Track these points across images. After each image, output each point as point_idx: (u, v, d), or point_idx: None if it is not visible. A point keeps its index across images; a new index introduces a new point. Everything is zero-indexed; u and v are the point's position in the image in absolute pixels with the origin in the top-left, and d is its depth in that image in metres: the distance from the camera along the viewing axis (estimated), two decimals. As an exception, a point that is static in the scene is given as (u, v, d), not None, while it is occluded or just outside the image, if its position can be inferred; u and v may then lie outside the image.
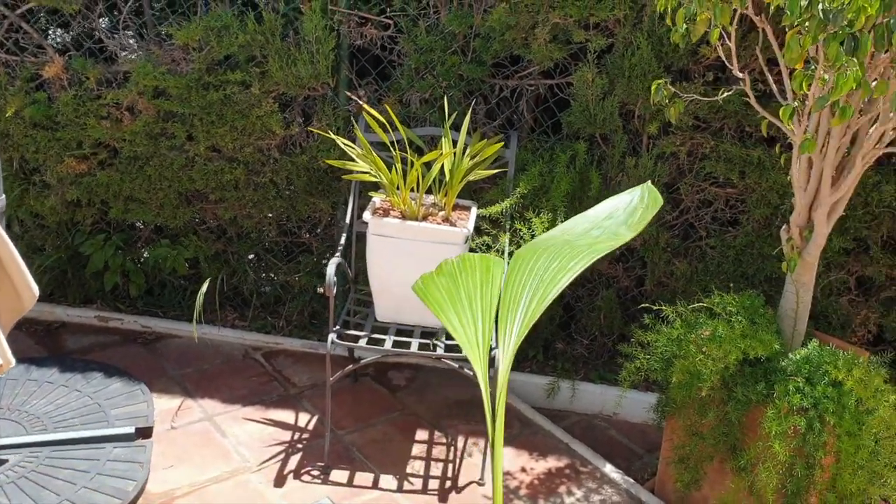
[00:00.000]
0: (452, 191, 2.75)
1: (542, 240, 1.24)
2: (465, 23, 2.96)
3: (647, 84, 2.83)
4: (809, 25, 1.72)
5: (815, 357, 2.38)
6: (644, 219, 1.22)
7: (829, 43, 1.71)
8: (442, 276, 1.12)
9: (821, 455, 2.28)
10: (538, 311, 1.07)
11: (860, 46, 1.70)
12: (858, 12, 1.66)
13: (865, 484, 2.27)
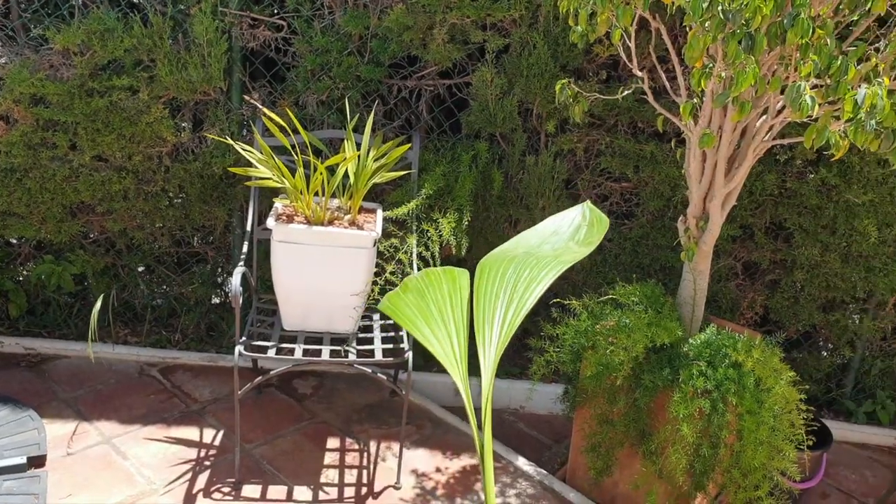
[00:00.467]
0: (358, 194, 2.72)
1: (501, 251, 1.25)
2: (362, 23, 2.94)
3: (545, 83, 2.90)
4: (710, 25, 1.80)
5: (715, 341, 2.50)
6: (596, 234, 1.25)
7: (729, 41, 1.80)
8: (409, 292, 1.10)
9: (725, 434, 2.40)
10: (517, 319, 1.07)
11: (756, 45, 1.79)
12: (755, 12, 1.75)
13: (766, 459, 2.40)
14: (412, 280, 1.12)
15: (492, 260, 1.18)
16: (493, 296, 1.13)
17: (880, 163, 2.92)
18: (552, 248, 1.23)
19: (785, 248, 3.14)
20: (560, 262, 1.13)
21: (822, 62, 1.82)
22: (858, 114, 1.78)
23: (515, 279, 1.12)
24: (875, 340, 3.34)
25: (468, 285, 1.15)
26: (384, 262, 2.74)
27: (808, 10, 1.78)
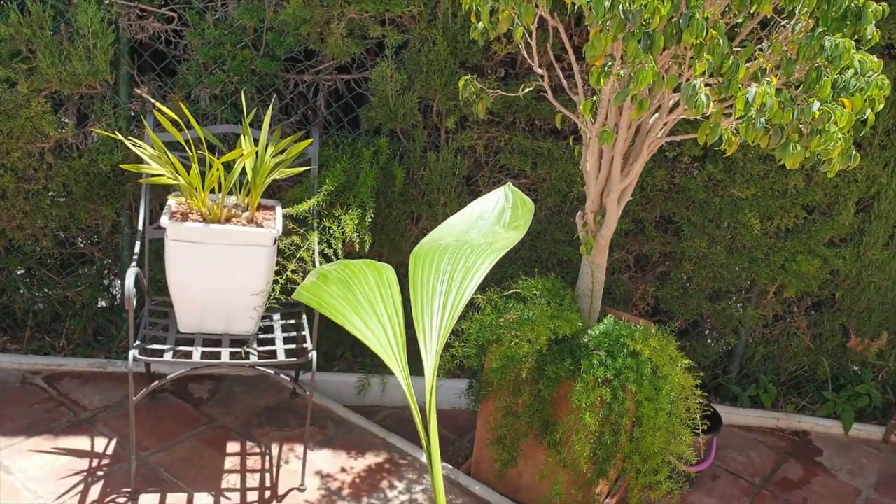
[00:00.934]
0: (256, 191, 2.65)
1: (431, 240, 1.24)
2: (257, 16, 2.87)
3: (445, 80, 2.91)
4: (611, 24, 1.85)
5: (613, 331, 2.57)
6: (522, 217, 1.26)
7: (629, 41, 1.85)
8: (331, 283, 1.08)
9: (625, 421, 2.48)
10: (457, 310, 1.06)
11: (654, 44, 1.85)
12: (654, 13, 1.80)
13: (665, 443, 2.49)
14: (331, 271, 1.10)
15: (424, 250, 1.18)
16: (430, 286, 1.12)
17: (762, 158, 3.07)
18: (480, 234, 1.23)
19: (674, 241, 3.27)
20: (493, 249, 1.13)
21: (715, 61, 1.90)
22: (749, 111, 1.87)
23: (451, 269, 1.12)
24: (757, 328, 3.52)
25: (395, 279, 1.14)
26: (285, 261, 2.69)
27: (702, 11, 1.85)
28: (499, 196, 1.36)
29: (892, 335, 3.48)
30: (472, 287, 1.08)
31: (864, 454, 3.46)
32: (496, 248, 1.12)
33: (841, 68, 1.93)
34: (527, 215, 1.27)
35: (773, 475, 3.26)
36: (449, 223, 1.29)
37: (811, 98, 1.93)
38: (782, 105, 1.90)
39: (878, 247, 3.28)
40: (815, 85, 1.91)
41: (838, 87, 1.94)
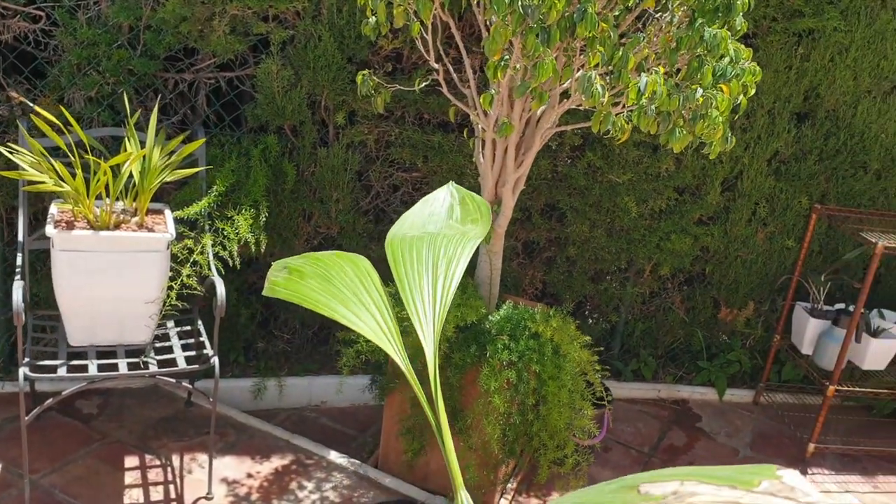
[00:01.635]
0: (145, 195, 2.56)
1: (398, 233, 1.25)
2: (133, 14, 2.76)
3: (333, 75, 2.90)
4: (511, 19, 1.91)
5: (514, 316, 2.66)
6: (476, 212, 1.29)
7: (528, 35, 1.93)
8: (309, 277, 1.07)
9: (531, 401, 2.57)
10: (449, 296, 1.08)
11: (551, 38, 1.94)
12: (550, 7, 1.89)
13: (569, 419, 2.60)
14: (304, 266, 1.09)
15: (399, 240, 1.19)
16: (415, 274, 1.14)
17: (636, 145, 3.25)
18: (436, 228, 1.26)
19: (559, 227, 3.40)
20: (470, 238, 1.16)
21: (606, 53, 2.00)
22: (641, 100, 1.99)
23: (434, 258, 1.14)
24: (636, 305, 3.72)
25: (373, 268, 1.15)
26: (178, 266, 2.61)
27: (593, 5, 1.95)
28: (444, 194, 1.40)
29: (758, 304, 3.76)
30: (459, 273, 1.12)
31: (738, 417, 3.73)
32: (471, 237, 1.16)
33: (718, 57, 2.09)
34: (482, 208, 1.31)
35: (660, 443, 3.46)
36: (405, 219, 1.31)
37: (693, 85, 2.07)
38: (669, 93, 2.03)
39: (742, 223, 3.54)
40: (698, 73, 2.06)
41: (717, 75, 2.09)
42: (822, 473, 3.36)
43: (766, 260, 3.65)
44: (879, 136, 3.47)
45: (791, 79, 3.30)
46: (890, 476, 3.41)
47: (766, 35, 3.21)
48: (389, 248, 1.18)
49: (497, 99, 2.29)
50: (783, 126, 3.39)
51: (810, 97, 3.39)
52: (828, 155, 3.49)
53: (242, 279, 3.21)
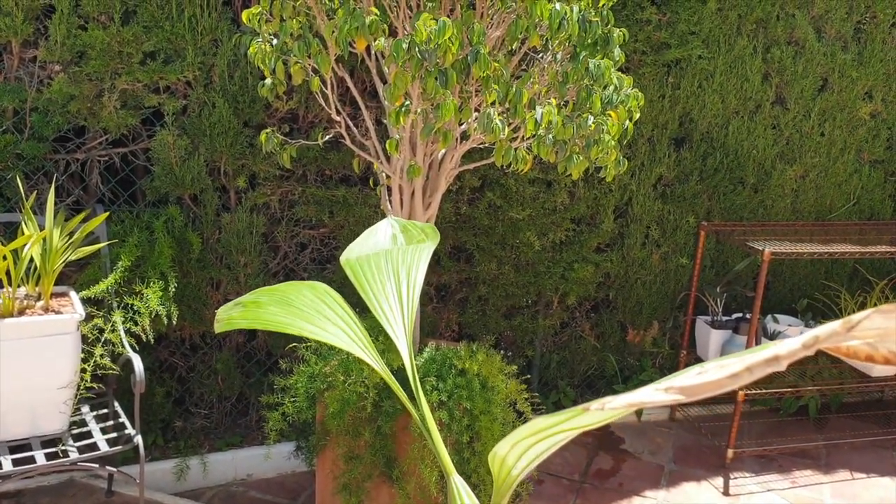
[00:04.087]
0: (48, 278, 2.48)
1: (350, 257, 1.27)
2: (18, 97, 2.70)
3: (230, 140, 2.91)
4: (409, 65, 1.99)
5: (438, 356, 2.70)
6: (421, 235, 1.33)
7: (427, 79, 2.01)
8: (267, 305, 1.08)
9: (465, 438, 2.59)
10: (415, 297, 1.10)
11: (449, 80, 2.02)
12: (446, 51, 1.98)
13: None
14: (258, 297, 1.10)
15: (355, 258, 1.21)
16: (378, 283, 1.16)
17: (531, 182, 3.38)
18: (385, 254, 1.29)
19: (468, 268, 3.48)
20: (426, 246, 1.20)
21: (501, 90, 2.11)
22: (539, 130, 2.10)
23: (394, 267, 1.17)
24: (549, 337, 3.82)
25: (332, 290, 1.17)
26: (89, 347, 2.53)
27: (485, 46, 2.06)
28: (385, 225, 1.43)
29: (661, 323, 3.93)
30: (420, 278, 1.14)
31: (658, 434, 3.85)
32: (425, 246, 1.19)
33: (604, 86, 2.23)
34: (427, 230, 1.35)
35: (589, 468, 3.53)
36: (351, 249, 1.34)
37: (584, 114, 2.20)
38: (563, 122, 2.15)
39: (637, 247, 3.72)
40: (587, 102, 2.19)
41: (605, 102, 2.23)
42: (742, 476, 3.50)
43: (664, 279, 3.83)
44: (751, 152, 3.74)
45: (665, 106, 3.53)
46: (805, 470, 3.59)
47: (639, 68, 3.43)
48: (347, 266, 1.20)
49: (401, 143, 2.35)
50: (664, 151, 3.60)
51: (685, 122, 3.63)
52: (707, 174, 3.72)
53: (153, 357, 3.12)
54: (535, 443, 0.87)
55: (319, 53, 2.12)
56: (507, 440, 0.86)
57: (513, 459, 0.90)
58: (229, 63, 2.86)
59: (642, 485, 3.40)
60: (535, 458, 0.90)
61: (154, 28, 2.74)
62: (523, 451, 0.87)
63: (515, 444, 0.86)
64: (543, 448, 0.88)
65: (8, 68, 2.70)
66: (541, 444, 0.87)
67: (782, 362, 0.68)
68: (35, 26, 2.66)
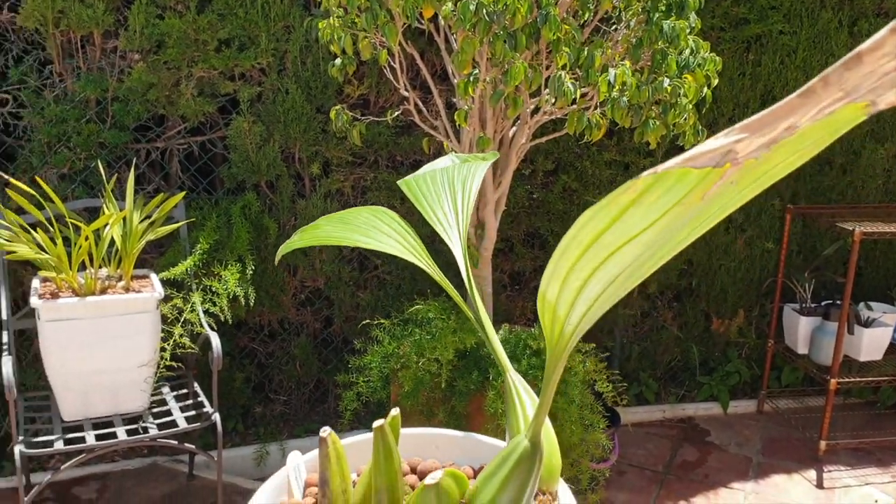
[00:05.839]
0: (129, 259, 2.54)
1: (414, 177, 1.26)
2: (99, 87, 2.79)
3: (303, 126, 2.94)
4: (477, 28, 1.96)
5: (512, 338, 2.65)
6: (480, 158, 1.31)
7: (495, 43, 1.98)
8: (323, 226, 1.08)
9: (541, 419, 2.53)
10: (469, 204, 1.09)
11: (518, 43, 1.99)
12: (514, 13, 1.94)
13: (581, 433, 2.56)
14: (318, 223, 1.09)
15: (411, 179, 1.20)
16: (433, 194, 1.14)
17: (608, 164, 3.31)
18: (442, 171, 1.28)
19: (542, 255, 3.42)
20: (482, 159, 1.17)
21: (573, 53, 2.06)
22: (612, 92, 2.04)
23: (449, 180, 1.14)
24: (629, 327, 3.72)
25: (391, 211, 1.15)
26: (169, 327, 2.57)
27: (554, 8, 2.01)
28: (445, 158, 1.41)
29: (747, 311, 3.78)
30: (475, 188, 1.12)
31: (746, 426, 3.70)
32: (482, 162, 1.17)
33: (679, 50, 2.15)
34: (489, 156, 1.33)
35: (673, 460, 3.41)
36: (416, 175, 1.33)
37: (660, 76, 2.13)
38: (638, 85, 2.08)
39: (721, 232, 3.59)
40: (662, 64, 2.11)
41: (680, 66, 2.15)
42: (837, 469, 3.32)
43: (749, 266, 3.69)
44: (839, 131, 3.57)
45: (746, 84, 3.40)
46: (906, 464, 3.39)
47: (717, 44, 3.32)
48: (404, 185, 1.18)
49: (470, 116, 2.32)
50: (746, 132, 3.47)
51: (767, 100, 3.49)
52: (793, 155, 3.56)
53: (234, 343, 3.17)
54: (588, 276, 0.76)
55: (387, 24, 2.11)
56: (554, 278, 0.76)
57: (565, 308, 0.81)
58: (302, 48, 2.89)
59: (729, 476, 3.26)
60: (594, 302, 0.79)
61: (228, 15, 2.80)
62: (576, 292, 0.78)
63: (565, 280, 0.76)
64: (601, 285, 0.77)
65: (91, 59, 2.80)
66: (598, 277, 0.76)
67: (865, 59, 0.52)
68: (115, 17, 2.75)
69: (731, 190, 0.67)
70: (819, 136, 0.61)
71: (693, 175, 0.63)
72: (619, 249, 0.72)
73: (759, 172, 0.66)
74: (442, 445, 1.39)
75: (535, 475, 1.05)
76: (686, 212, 0.68)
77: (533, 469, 1.03)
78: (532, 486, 1.05)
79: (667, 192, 0.66)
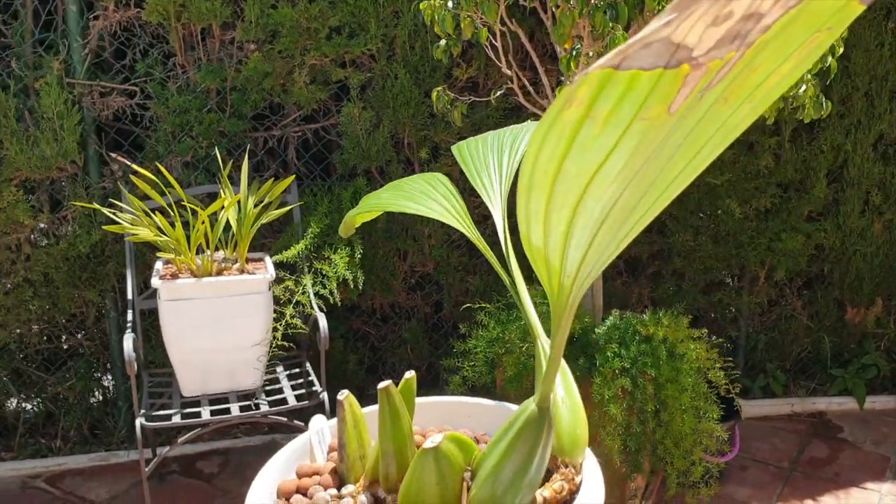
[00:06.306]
0: (244, 241, 2.63)
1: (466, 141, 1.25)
2: (219, 76, 2.90)
3: (412, 111, 2.95)
4: (575, 1, 1.90)
5: (622, 324, 2.56)
6: None
7: (595, 14, 1.91)
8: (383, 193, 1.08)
9: (650, 407, 2.44)
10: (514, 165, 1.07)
11: (620, 14, 1.91)
12: (614, -19, 1.87)
13: (693, 422, 2.45)
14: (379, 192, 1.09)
15: (461, 144, 1.18)
16: (481, 157, 1.12)
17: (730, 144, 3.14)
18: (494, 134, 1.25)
19: (660, 239, 3.29)
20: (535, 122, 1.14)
21: (679, 23, 1.95)
22: (721, 62, 1.92)
23: (499, 142, 1.12)
24: (755, 316, 3.53)
25: (446, 178, 1.14)
26: (281, 308, 2.65)
27: (658, -24, 1.92)
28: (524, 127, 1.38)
29: (886, 300, 3.51)
30: (523, 147, 1.08)
31: (883, 423, 3.44)
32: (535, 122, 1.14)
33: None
34: None
35: (801, 457, 3.22)
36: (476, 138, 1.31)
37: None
38: (750, 55, 1.95)
39: (855, 215, 3.35)
40: (778, 31, 1.98)
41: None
42: None
43: (888, 251, 3.42)
44: None
45: (885, 55, 3.15)
46: None
47: (852, 13, 3.09)
48: (457, 150, 1.16)
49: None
50: (884, 106, 3.22)
51: (910, 72, 3.22)
52: (940, 131, 3.28)
53: (347, 325, 3.23)
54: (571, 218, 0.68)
55: (485, 1, 2.08)
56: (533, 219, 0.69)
57: (556, 255, 0.74)
58: (410, 33, 2.90)
59: (862, 476, 3.04)
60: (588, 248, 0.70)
61: (339, 3, 2.84)
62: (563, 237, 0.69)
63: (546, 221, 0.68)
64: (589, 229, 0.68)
65: (210, 50, 2.91)
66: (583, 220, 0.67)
67: None
68: (232, 8, 2.84)
69: (722, 108, 0.59)
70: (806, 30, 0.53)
71: (643, 79, 0.55)
72: (591, 182, 0.64)
73: (748, 85, 0.57)
74: (474, 414, 1.35)
75: (545, 442, 0.98)
76: (655, 130, 0.59)
77: (540, 435, 0.97)
78: (541, 454, 0.99)
79: (619, 105, 0.57)
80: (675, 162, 0.64)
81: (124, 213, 2.55)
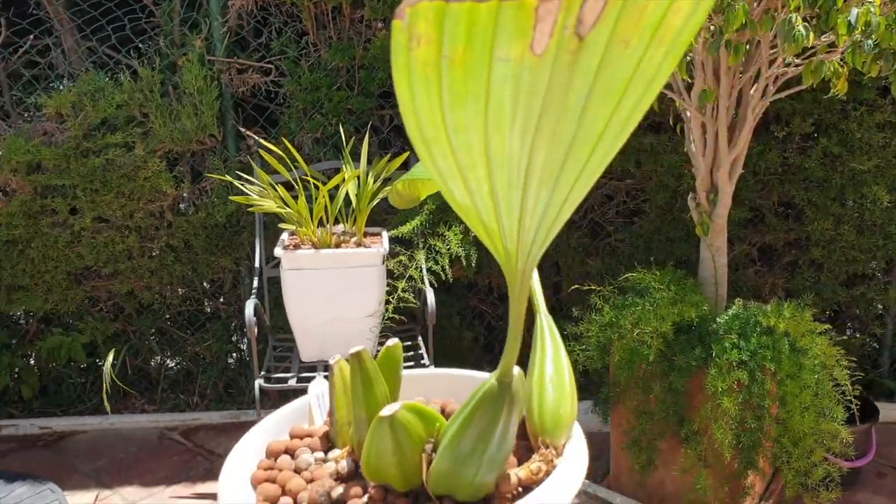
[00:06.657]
0: (361, 215, 2.69)
1: None
2: (348, 55, 2.97)
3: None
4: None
5: (743, 314, 2.43)
6: None
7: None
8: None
9: (768, 403, 2.31)
10: None
11: (741, -16, 1.80)
12: (734, -50, 1.76)
13: (815, 422, 2.30)
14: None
15: None
16: None
17: (880, 127, 2.90)
18: None
19: (797, 227, 3.10)
20: None
21: (808, -7, 1.82)
22: (854, 35, 1.77)
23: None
24: (904, 313, 3.26)
25: None
26: (394, 281, 2.70)
27: (786, -58, 1.79)
28: None
29: None
30: None
31: None
32: None
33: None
34: None
35: (949, 469, 2.96)
36: None
37: (920, 16, 1.81)
38: (889, 27, 1.79)
39: None
40: (922, 1, 1.80)
41: (948, 2, 1.82)
42: None
43: None
44: None
45: None
46: None
47: None
48: None
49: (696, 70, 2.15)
50: None
51: None
52: None
53: (464, 303, 3.25)
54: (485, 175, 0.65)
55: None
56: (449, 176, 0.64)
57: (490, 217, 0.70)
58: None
59: None
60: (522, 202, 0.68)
61: (463, -20, 2.84)
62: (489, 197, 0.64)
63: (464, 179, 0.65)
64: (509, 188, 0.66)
65: (341, 28, 2.99)
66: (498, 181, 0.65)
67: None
68: (366, -13, 2.91)
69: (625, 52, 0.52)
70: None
71: (482, 12, 0.50)
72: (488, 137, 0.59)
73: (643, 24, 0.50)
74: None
75: (506, 418, 0.93)
76: (531, 75, 0.53)
77: (499, 410, 0.92)
78: (504, 428, 0.94)
79: (470, 44, 0.52)
80: (593, 115, 0.59)
81: (253, 185, 2.68)
